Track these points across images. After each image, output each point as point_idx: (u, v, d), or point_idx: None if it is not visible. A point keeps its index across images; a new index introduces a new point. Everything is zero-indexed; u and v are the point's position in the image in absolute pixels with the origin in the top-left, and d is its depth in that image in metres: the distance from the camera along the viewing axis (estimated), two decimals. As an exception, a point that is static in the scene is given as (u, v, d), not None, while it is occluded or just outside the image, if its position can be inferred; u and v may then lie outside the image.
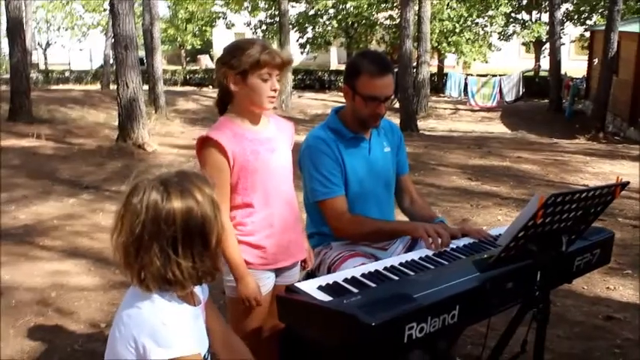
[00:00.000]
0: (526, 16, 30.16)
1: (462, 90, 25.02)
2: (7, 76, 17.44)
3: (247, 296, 2.42)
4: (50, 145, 11.42)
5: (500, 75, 25.41)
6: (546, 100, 22.93)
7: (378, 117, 2.83)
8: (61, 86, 30.09)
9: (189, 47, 38.08)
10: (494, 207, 7.13)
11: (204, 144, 2.40)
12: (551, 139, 14.98)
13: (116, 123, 11.69)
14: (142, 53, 22.27)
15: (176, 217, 1.57)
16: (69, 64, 40.77)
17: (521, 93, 24.49)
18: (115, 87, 11.70)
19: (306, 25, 32.82)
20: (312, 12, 32.67)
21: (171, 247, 1.58)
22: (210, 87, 28.63)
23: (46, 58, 40.60)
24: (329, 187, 2.76)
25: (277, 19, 25.12)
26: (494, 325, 3.13)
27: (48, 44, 40.06)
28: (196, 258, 1.61)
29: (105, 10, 32.99)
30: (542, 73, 27.38)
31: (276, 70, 2.40)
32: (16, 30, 14.17)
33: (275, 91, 2.42)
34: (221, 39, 36.66)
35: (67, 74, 35.23)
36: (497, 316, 2.43)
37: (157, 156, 10.43)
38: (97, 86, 28.96)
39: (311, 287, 2.06)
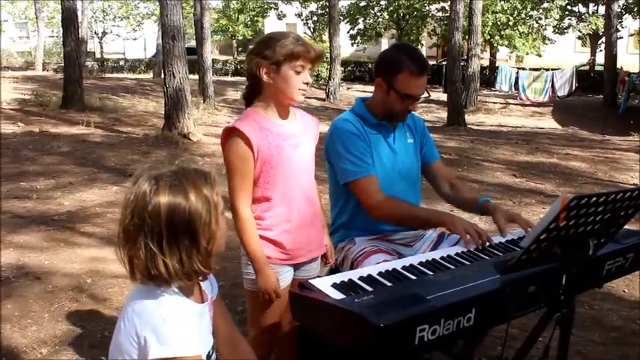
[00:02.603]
0: (582, 9, 29.37)
1: (513, 84, 24.52)
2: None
3: (266, 289, 2.41)
4: (99, 133, 11.65)
5: (553, 69, 24.82)
6: (600, 96, 22.29)
7: (409, 112, 2.84)
8: (115, 75, 30.75)
9: (240, 37, 38.31)
10: (538, 205, 6.97)
11: (230, 134, 2.38)
12: (603, 136, 14.59)
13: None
14: (193, 43, 22.56)
15: (161, 211, 1.55)
16: (124, 53, 41.62)
17: (574, 88, 23.84)
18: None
19: (357, 16, 32.70)
20: (363, 3, 32.54)
21: (156, 242, 1.56)
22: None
23: (101, 47, 41.49)
24: (361, 166, 2.73)
25: (328, 10, 25.00)
26: (527, 327, 3.06)
27: (104, 33, 40.88)
28: (183, 256, 1.58)
29: (158, -1, 33.53)
30: (597, 68, 26.65)
31: (309, 64, 2.38)
32: (70, 19, 14.49)
33: (307, 84, 2.40)
34: (272, 29, 36.78)
35: (121, 63, 35.97)
36: (529, 317, 2.37)
37: (201, 146, 10.53)
38: (150, 75, 29.47)
39: (325, 284, 2.03)
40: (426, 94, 3.20)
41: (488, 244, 2.48)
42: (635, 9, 27.34)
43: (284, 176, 2.45)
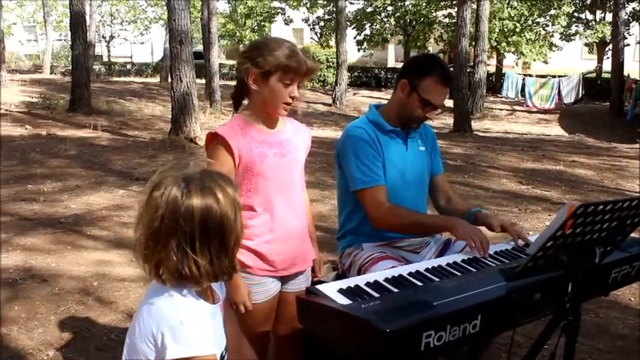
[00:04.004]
0: (590, 16, 29.34)
1: (519, 91, 24.52)
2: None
3: (235, 301, 2.34)
4: (106, 137, 11.70)
5: (560, 76, 24.81)
6: (607, 103, 22.25)
7: (424, 121, 2.85)
8: (122, 78, 30.83)
9: (247, 42, 38.35)
10: (544, 212, 6.96)
11: (213, 140, 2.37)
12: (609, 143, 14.55)
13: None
14: (200, 48, 22.64)
15: (194, 213, 1.57)
16: (131, 56, 41.75)
17: (580, 95, 23.82)
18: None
19: (364, 22, 32.74)
20: (370, 9, 32.57)
21: (188, 243, 1.58)
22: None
23: (109, 51, 41.63)
24: (370, 175, 2.73)
25: (335, 15, 25.05)
26: (532, 335, 3.05)
27: (112, 37, 41.03)
28: (213, 256, 1.61)
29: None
30: (604, 75, 26.59)
31: (299, 78, 2.35)
32: (78, 23, 14.57)
33: (293, 98, 2.36)
34: (279, 34, 36.90)
35: (128, 67, 36.06)
36: (534, 324, 2.36)
37: (208, 150, 10.54)
38: (157, 79, 29.55)
39: (331, 290, 2.04)
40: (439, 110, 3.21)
41: (485, 253, 2.46)
42: (643, 16, 27.30)
43: (267, 185, 2.40)
